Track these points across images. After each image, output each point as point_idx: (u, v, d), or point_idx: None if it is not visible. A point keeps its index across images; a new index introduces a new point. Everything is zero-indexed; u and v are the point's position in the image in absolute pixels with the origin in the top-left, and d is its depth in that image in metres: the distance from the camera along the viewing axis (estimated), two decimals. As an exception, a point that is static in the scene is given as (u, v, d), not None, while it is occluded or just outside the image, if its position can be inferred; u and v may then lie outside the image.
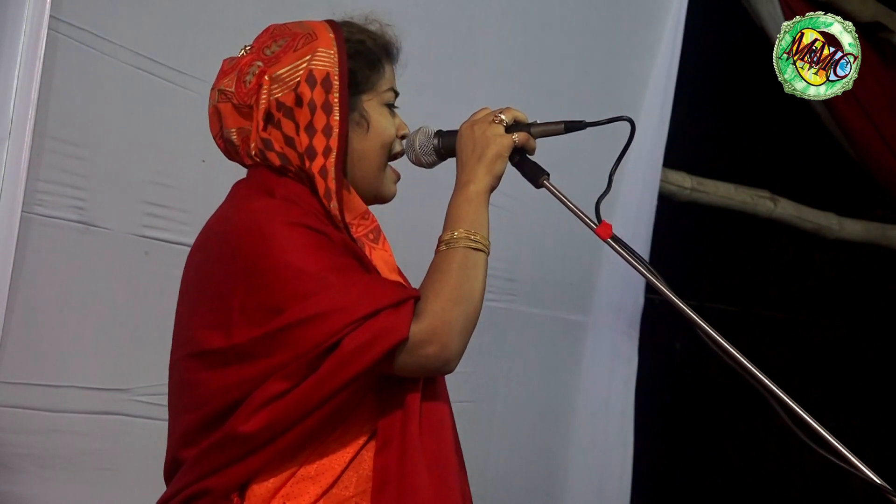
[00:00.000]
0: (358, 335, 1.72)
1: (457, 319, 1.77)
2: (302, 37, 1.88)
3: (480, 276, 1.83)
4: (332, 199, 1.84)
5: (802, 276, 6.01)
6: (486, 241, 1.84)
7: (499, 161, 1.86)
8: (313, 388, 1.74)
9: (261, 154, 1.86)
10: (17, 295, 2.55)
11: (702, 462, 5.79)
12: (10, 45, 2.52)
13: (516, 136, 1.88)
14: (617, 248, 1.85)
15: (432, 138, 1.95)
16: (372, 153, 1.90)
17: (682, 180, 4.75)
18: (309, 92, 1.83)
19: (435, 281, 1.79)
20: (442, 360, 1.77)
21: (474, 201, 1.84)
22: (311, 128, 1.84)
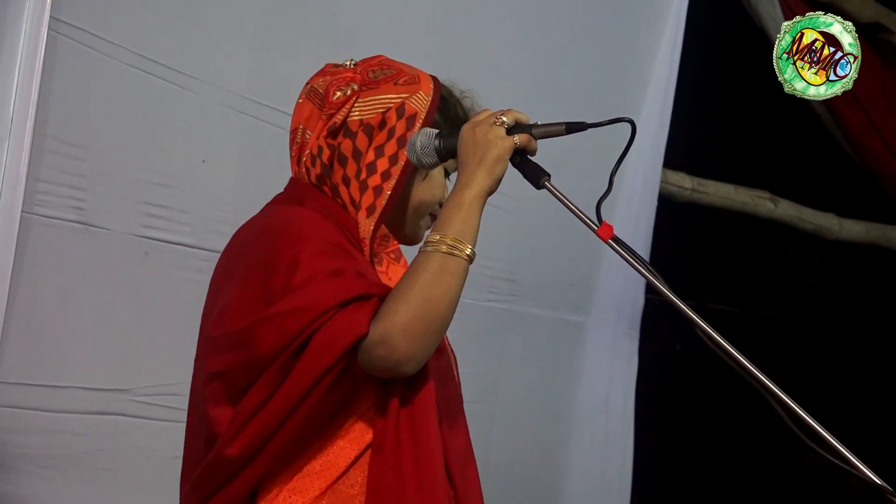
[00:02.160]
0: (325, 331, 1.72)
1: (411, 323, 1.74)
2: (407, 76, 1.95)
3: (453, 284, 1.79)
4: (375, 215, 1.88)
5: (802, 277, 6.01)
6: (469, 248, 1.81)
7: (499, 164, 1.86)
8: (289, 390, 1.74)
9: (311, 159, 1.92)
10: (17, 295, 2.55)
11: (702, 462, 5.79)
12: (10, 46, 2.52)
13: (517, 138, 1.88)
14: (618, 248, 1.85)
15: (434, 139, 1.95)
16: (417, 200, 1.96)
17: (682, 181, 4.75)
18: (395, 120, 1.90)
19: (402, 282, 1.79)
20: (392, 362, 1.75)
21: (466, 206, 1.82)
22: (380, 150, 1.90)
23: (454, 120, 1.96)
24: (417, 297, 1.75)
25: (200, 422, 1.88)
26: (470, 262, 1.81)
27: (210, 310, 1.89)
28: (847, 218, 5.52)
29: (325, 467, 1.81)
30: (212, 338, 1.84)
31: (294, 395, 1.75)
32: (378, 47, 2.05)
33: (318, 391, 1.75)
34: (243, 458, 1.78)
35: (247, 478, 1.80)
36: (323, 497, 1.80)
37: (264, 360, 1.76)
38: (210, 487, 1.83)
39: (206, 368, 1.85)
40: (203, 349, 1.89)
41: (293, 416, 1.76)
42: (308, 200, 1.90)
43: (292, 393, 1.75)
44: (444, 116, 1.96)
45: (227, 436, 1.78)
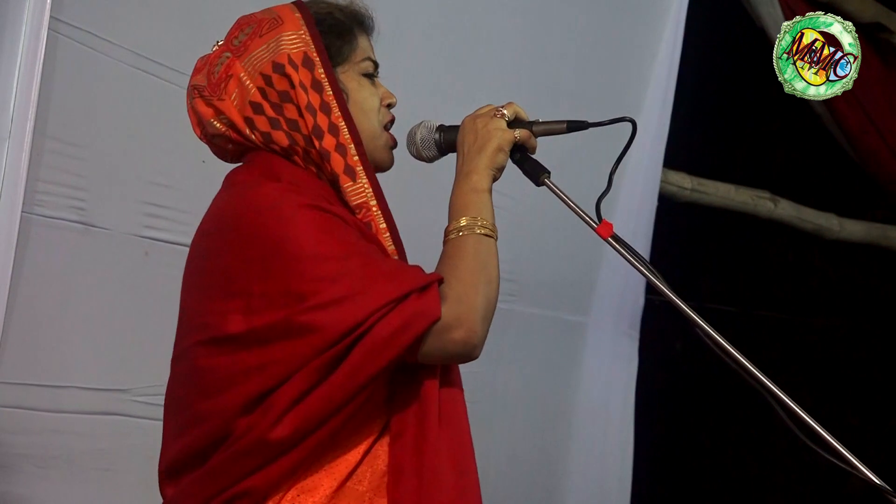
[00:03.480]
0: (390, 320, 1.69)
1: (480, 304, 1.75)
2: (267, 22, 1.88)
3: (494, 262, 1.81)
4: (356, 175, 1.82)
5: (802, 277, 6.01)
6: (493, 227, 1.83)
7: (500, 154, 1.87)
8: (345, 380, 1.71)
9: (265, 136, 1.84)
10: (17, 295, 2.55)
11: (702, 462, 5.79)
12: (10, 46, 2.52)
13: (517, 133, 1.88)
14: (617, 247, 1.85)
15: (434, 132, 1.95)
16: (364, 128, 1.87)
17: (682, 180, 4.75)
18: (296, 73, 1.82)
19: (453, 267, 1.78)
20: (469, 346, 1.75)
21: (480, 190, 1.84)
22: (310, 108, 1.82)
23: (341, 26, 1.89)
24: (476, 279, 1.76)
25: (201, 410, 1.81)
26: (496, 240, 1.83)
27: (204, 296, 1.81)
28: (847, 218, 5.52)
29: (335, 464, 1.78)
30: (234, 335, 1.76)
31: (353, 384, 1.70)
32: (378, 47, 2.05)
33: (374, 383, 1.73)
34: (291, 442, 1.73)
35: (280, 466, 1.74)
36: (333, 497, 1.77)
37: (317, 348, 1.70)
38: (232, 476, 1.76)
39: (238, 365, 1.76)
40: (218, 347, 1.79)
41: (346, 406, 1.72)
42: (282, 173, 1.83)
43: (351, 382, 1.70)
44: (331, 32, 1.88)
45: (270, 418, 1.72)
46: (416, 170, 2.06)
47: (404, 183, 2.05)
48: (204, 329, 1.80)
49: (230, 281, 1.77)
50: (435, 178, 2.09)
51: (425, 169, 2.05)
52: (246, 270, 1.75)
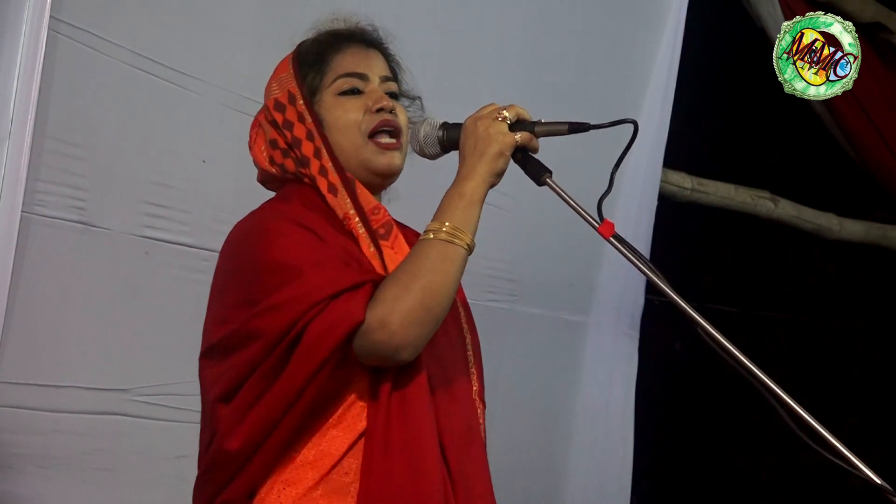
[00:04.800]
0: (321, 320, 1.74)
1: (411, 309, 1.77)
2: (272, 75, 2.03)
3: (451, 271, 1.81)
4: (338, 191, 1.92)
5: (802, 276, 6.01)
6: (468, 237, 1.83)
7: (500, 159, 1.87)
8: (287, 383, 1.76)
9: (281, 168, 1.98)
10: (17, 295, 2.55)
11: (702, 462, 5.79)
12: (10, 46, 2.52)
13: (519, 136, 1.88)
14: (619, 246, 1.85)
15: (437, 129, 1.95)
16: (342, 144, 1.96)
17: (682, 180, 4.75)
18: (281, 115, 1.97)
19: (400, 269, 1.81)
20: (391, 348, 1.77)
21: (467, 197, 1.84)
22: (296, 140, 1.95)
23: (310, 57, 2.00)
24: (417, 284, 1.77)
25: (206, 420, 1.90)
26: (469, 252, 1.83)
27: (208, 311, 1.92)
28: (847, 218, 5.52)
29: (319, 457, 1.82)
30: (213, 344, 1.87)
31: (293, 387, 1.77)
32: (379, 47, 2.05)
33: (316, 382, 1.76)
34: (244, 454, 1.80)
35: (249, 474, 1.82)
36: (317, 487, 1.81)
37: (262, 353, 1.77)
38: (215, 485, 1.85)
39: (211, 372, 1.87)
40: (206, 358, 1.90)
41: (293, 408, 1.78)
42: (295, 195, 1.94)
43: (291, 385, 1.76)
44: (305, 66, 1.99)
45: (225, 429, 1.81)
46: (418, 167, 2.06)
47: (404, 182, 2.05)
48: (202, 339, 1.91)
49: (219, 293, 1.89)
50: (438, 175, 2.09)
51: (429, 165, 2.05)
52: (227, 283, 1.87)
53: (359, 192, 1.94)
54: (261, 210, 1.94)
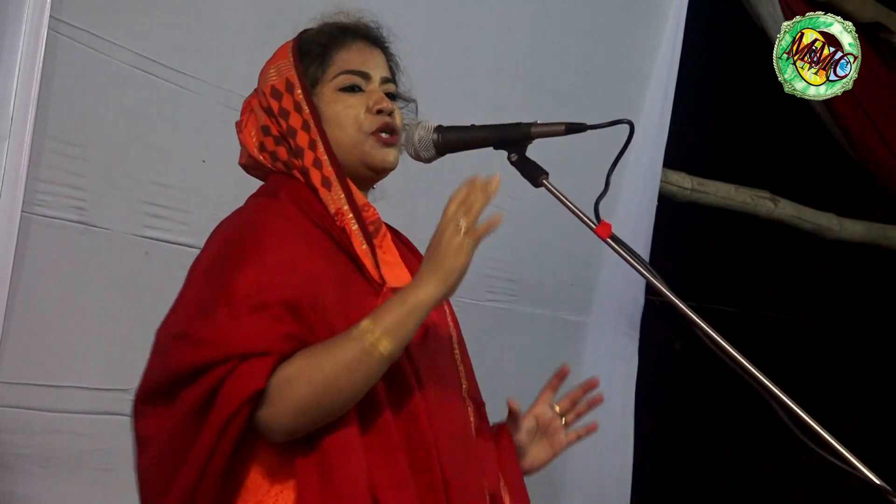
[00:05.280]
0: (231, 380, 1.73)
1: (299, 400, 1.74)
2: (272, 56, 2.02)
3: (361, 380, 1.75)
4: (332, 185, 1.91)
5: (802, 277, 6.01)
6: (392, 346, 1.75)
7: (452, 275, 1.78)
8: (200, 445, 1.75)
9: (272, 155, 1.97)
10: (17, 295, 2.55)
11: (702, 462, 5.79)
12: (10, 46, 2.52)
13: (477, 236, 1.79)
14: (616, 247, 1.86)
15: (432, 132, 1.95)
16: (340, 139, 1.95)
17: (682, 180, 4.75)
18: (277, 103, 1.95)
19: (316, 357, 1.76)
20: (267, 427, 1.76)
21: (409, 307, 1.76)
22: (290, 130, 1.94)
23: (314, 48, 1.99)
24: (322, 382, 1.74)
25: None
26: (387, 363, 1.76)
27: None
28: (847, 218, 5.52)
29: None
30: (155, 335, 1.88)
31: (204, 449, 1.75)
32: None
33: (224, 442, 1.75)
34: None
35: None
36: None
37: (171, 377, 1.77)
38: None
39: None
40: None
41: (208, 469, 1.76)
42: (282, 190, 1.93)
43: (202, 447, 1.75)
44: (307, 57, 1.98)
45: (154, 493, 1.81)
46: (413, 170, 2.06)
47: (403, 182, 2.05)
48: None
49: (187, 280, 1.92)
50: (433, 177, 2.09)
51: (423, 169, 2.05)
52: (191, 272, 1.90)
53: (352, 188, 1.93)
54: (246, 211, 1.93)
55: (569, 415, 2.12)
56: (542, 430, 2.12)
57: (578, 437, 2.14)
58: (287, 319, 1.77)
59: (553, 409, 2.12)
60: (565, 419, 2.12)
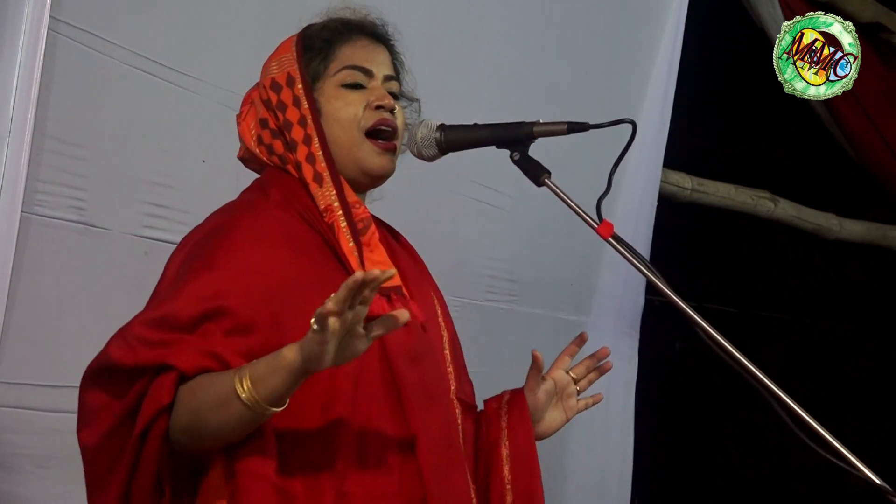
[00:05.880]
0: (150, 391, 1.74)
1: (179, 420, 1.75)
2: (275, 50, 2.02)
3: (223, 417, 1.71)
4: (324, 182, 1.90)
5: (802, 277, 6.01)
6: (258, 401, 1.69)
7: (309, 350, 1.65)
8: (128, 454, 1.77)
9: (269, 148, 1.97)
10: (17, 295, 2.55)
11: (702, 461, 5.79)
12: (10, 46, 2.52)
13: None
14: (618, 246, 1.85)
15: (434, 131, 1.95)
16: (338, 137, 1.94)
17: (683, 180, 4.75)
18: (276, 96, 1.95)
19: (204, 379, 1.74)
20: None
21: (277, 361, 1.68)
22: (287, 123, 1.94)
23: (317, 43, 1.99)
24: (194, 409, 1.73)
25: None
26: (255, 413, 1.70)
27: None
28: (847, 218, 5.52)
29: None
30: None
31: (125, 462, 1.77)
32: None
33: (144, 463, 1.76)
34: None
35: None
36: None
37: (113, 368, 1.78)
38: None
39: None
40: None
41: (135, 479, 1.77)
42: (272, 186, 1.94)
43: (123, 461, 1.77)
44: (310, 51, 1.98)
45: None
46: (413, 168, 2.06)
47: (402, 181, 2.05)
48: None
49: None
50: (433, 176, 2.10)
51: (424, 167, 2.05)
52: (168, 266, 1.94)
53: (344, 185, 1.92)
54: (227, 210, 1.94)
55: (582, 381, 2.13)
56: (557, 393, 2.12)
57: (587, 406, 2.15)
58: (218, 334, 1.76)
59: (569, 374, 2.13)
60: (578, 386, 2.13)
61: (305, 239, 1.87)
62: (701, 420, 5.77)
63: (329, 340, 1.61)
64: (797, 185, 5.51)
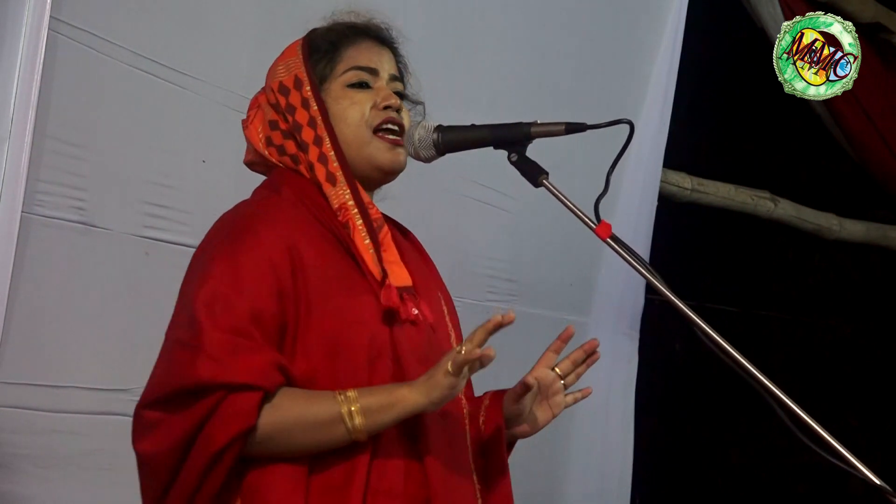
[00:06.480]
0: (220, 412, 1.74)
1: (261, 431, 1.76)
2: (281, 54, 2.03)
3: (318, 437, 1.77)
4: (337, 181, 1.91)
5: (802, 276, 6.01)
6: (364, 428, 1.77)
7: (435, 392, 1.79)
8: (187, 474, 1.76)
9: (280, 149, 1.97)
10: (17, 295, 2.55)
11: (702, 462, 5.79)
12: (11, 46, 2.52)
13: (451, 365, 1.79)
14: (616, 247, 1.86)
15: (432, 132, 1.95)
16: (347, 136, 1.96)
17: (682, 181, 4.75)
18: (284, 99, 1.96)
19: (296, 396, 1.78)
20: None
21: (394, 397, 1.78)
22: (296, 126, 1.95)
23: (323, 44, 2.00)
24: (288, 430, 1.76)
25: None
26: (351, 439, 1.77)
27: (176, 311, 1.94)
28: (847, 218, 5.52)
29: None
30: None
31: (192, 474, 1.76)
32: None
33: (214, 473, 1.76)
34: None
35: None
36: None
37: (184, 388, 1.78)
38: None
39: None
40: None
41: (200, 493, 1.77)
42: (285, 186, 1.94)
43: (190, 472, 1.76)
44: (316, 53, 1.99)
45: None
46: (413, 168, 2.06)
47: (402, 181, 2.05)
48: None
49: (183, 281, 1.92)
50: (433, 176, 2.10)
51: (424, 167, 2.05)
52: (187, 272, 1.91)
53: (357, 184, 1.93)
54: (246, 207, 1.94)
55: (569, 377, 2.12)
56: (542, 391, 2.12)
57: (575, 400, 2.14)
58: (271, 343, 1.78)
59: (555, 371, 2.13)
60: (565, 381, 2.12)
61: (319, 237, 1.89)
62: (701, 420, 5.77)
63: (459, 384, 1.76)
64: (797, 185, 5.51)
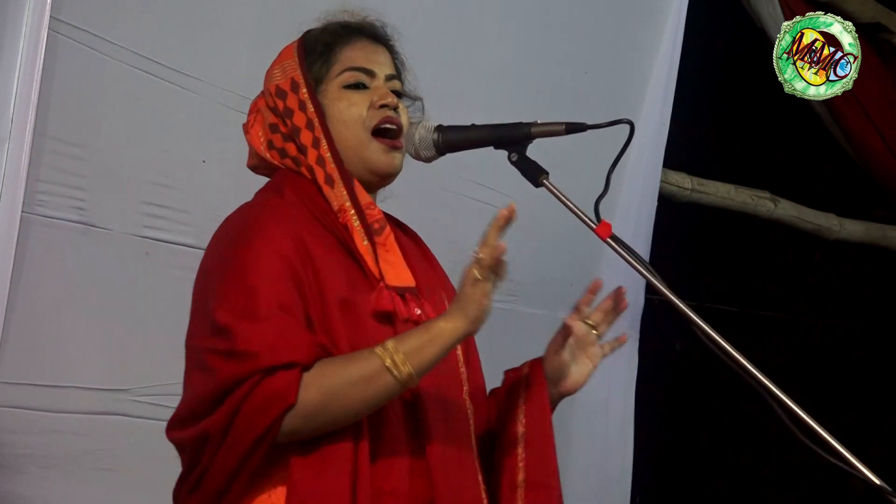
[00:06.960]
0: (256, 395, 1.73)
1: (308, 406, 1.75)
2: (277, 57, 2.03)
3: (373, 395, 1.78)
4: (335, 183, 1.92)
5: (802, 277, 6.01)
6: (408, 370, 1.77)
7: (477, 323, 1.85)
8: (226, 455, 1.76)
9: (281, 152, 1.98)
10: (17, 295, 2.55)
11: (701, 462, 5.79)
12: (11, 46, 2.52)
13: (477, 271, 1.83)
14: (616, 247, 1.86)
15: (432, 132, 1.95)
16: (344, 138, 1.96)
17: (682, 181, 4.75)
18: (282, 102, 1.97)
19: (335, 362, 1.78)
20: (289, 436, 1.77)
21: (434, 335, 1.80)
22: (295, 128, 1.95)
23: (318, 46, 2.00)
24: (334, 391, 1.75)
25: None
26: (403, 386, 1.78)
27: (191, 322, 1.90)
28: (847, 218, 5.51)
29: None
30: (186, 346, 1.86)
31: (232, 460, 1.76)
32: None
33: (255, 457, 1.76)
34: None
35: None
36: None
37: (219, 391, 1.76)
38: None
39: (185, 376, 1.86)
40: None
41: (238, 478, 1.77)
42: (287, 187, 1.94)
43: (230, 458, 1.76)
44: (312, 55, 1.99)
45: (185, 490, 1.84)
46: (413, 168, 2.06)
47: (402, 181, 2.05)
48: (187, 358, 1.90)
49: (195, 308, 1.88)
50: (433, 176, 2.10)
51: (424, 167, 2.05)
52: (199, 279, 1.88)
53: (355, 185, 1.94)
54: (250, 208, 1.94)
55: (601, 326, 2.10)
56: (578, 344, 2.10)
57: (612, 349, 2.12)
58: (305, 324, 1.79)
59: (587, 322, 2.10)
60: (597, 331, 2.10)
61: (321, 237, 1.89)
62: (701, 419, 5.77)
63: (492, 290, 1.79)
64: (797, 185, 5.51)
